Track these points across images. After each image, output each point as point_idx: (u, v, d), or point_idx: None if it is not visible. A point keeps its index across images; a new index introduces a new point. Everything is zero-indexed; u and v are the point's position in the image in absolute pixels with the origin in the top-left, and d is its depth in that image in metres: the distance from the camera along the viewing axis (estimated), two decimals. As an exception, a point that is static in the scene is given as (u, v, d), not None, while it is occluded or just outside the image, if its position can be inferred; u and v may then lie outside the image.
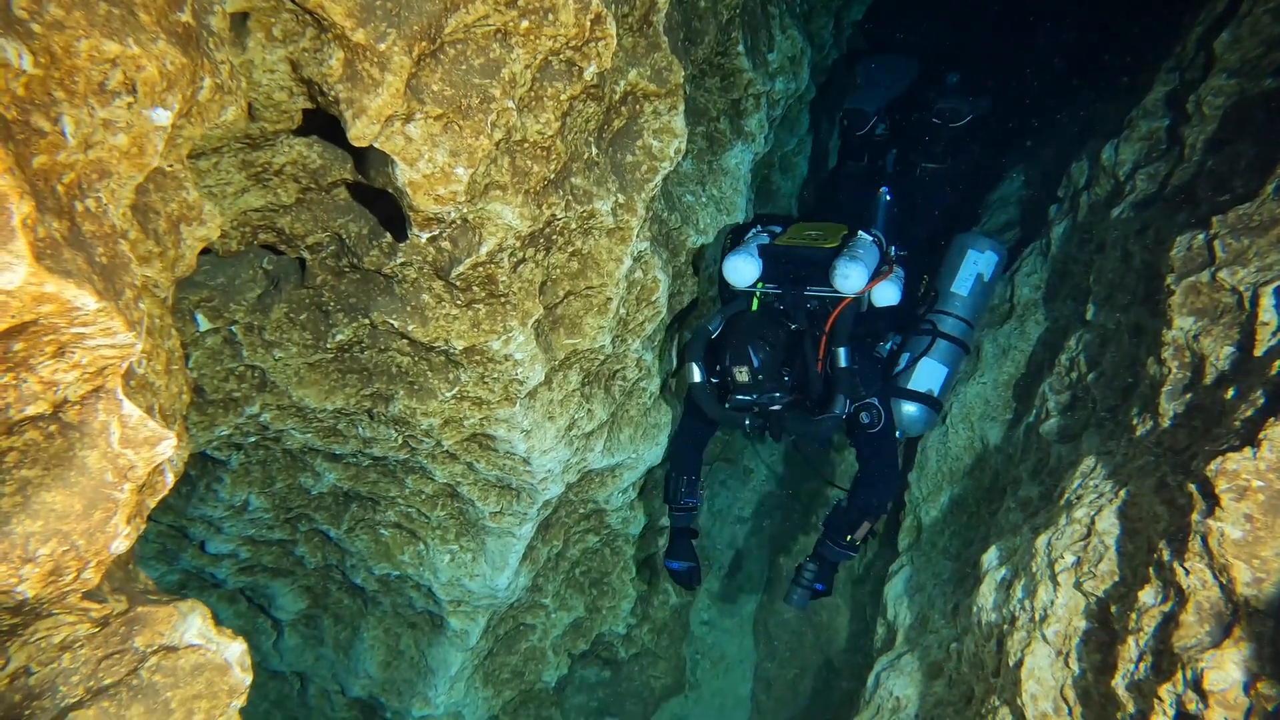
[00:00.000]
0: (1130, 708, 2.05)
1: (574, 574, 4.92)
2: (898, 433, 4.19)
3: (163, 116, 1.38)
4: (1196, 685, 1.78)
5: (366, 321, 3.00)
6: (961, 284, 4.40)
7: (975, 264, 4.42)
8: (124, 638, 1.77)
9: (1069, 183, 4.28)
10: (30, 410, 1.27)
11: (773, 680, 6.13)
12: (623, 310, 3.46)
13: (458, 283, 2.85)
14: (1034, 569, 2.69)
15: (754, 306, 3.79)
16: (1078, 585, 2.47)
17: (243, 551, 4.20)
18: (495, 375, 3.15)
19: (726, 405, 3.70)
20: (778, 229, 4.21)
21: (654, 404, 4.18)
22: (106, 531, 1.44)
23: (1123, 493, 2.47)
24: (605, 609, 5.26)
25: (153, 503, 1.59)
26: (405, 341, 3.08)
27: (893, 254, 4.18)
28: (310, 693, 4.93)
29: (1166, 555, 2.07)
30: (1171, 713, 1.87)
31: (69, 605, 1.54)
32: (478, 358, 3.08)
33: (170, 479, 1.61)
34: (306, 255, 2.87)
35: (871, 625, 4.48)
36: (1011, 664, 2.61)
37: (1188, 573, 1.96)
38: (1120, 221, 3.39)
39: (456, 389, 3.18)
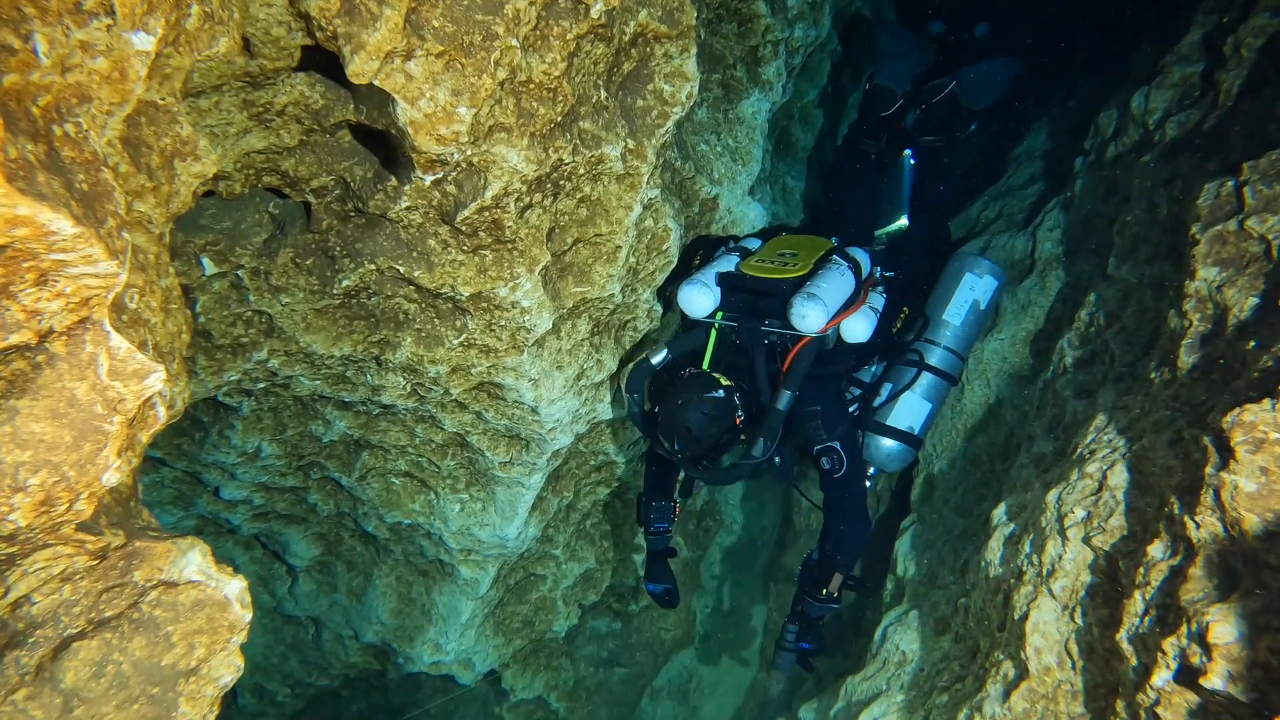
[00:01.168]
0: (1133, 660, 2.02)
1: (584, 526, 4.95)
2: (872, 469, 3.99)
3: (144, 41, 1.34)
4: (1201, 638, 1.75)
5: (373, 267, 2.97)
6: (955, 311, 4.09)
7: (971, 290, 4.09)
8: (123, 571, 1.79)
9: (1096, 133, 4.15)
10: (14, 339, 1.26)
11: (783, 634, 6.16)
12: (633, 259, 3.42)
13: (463, 228, 2.82)
14: (1043, 524, 2.66)
15: (712, 338, 3.50)
16: (1086, 540, 2.44)
17: (256, 498, 4.24)
18: (502, 323, 3.13)
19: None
20: (754, 245, 3.90)
21: (665, 356, 4.15)
22: (97, 464, 1.44)
23: (1136, 447, 2.42)
24: (616, 561, 5.30)
25: (145, 437, 1.58)
26: (412, 288, 3.06)
27: (878, 275, 3.93)
28: (324, 637, 5.02)
29: (1177, 509, 2.03)
30: (1174, 665, 1.84)
31: (64, 536, 1.55)
32: (485, 305, 3.06)
33: (162, 413, 1.61)
34: (311, 199, 2.84)
35: (880, 581, 4.47)
36: (1017, 618, 2.59)
37: (1198, 526, 1.92)
38: (1148, 172, 3.28)
39: (464, 336, 3.16)
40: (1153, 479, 2.32)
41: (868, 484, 3.85)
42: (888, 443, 3.94)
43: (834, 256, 3.63)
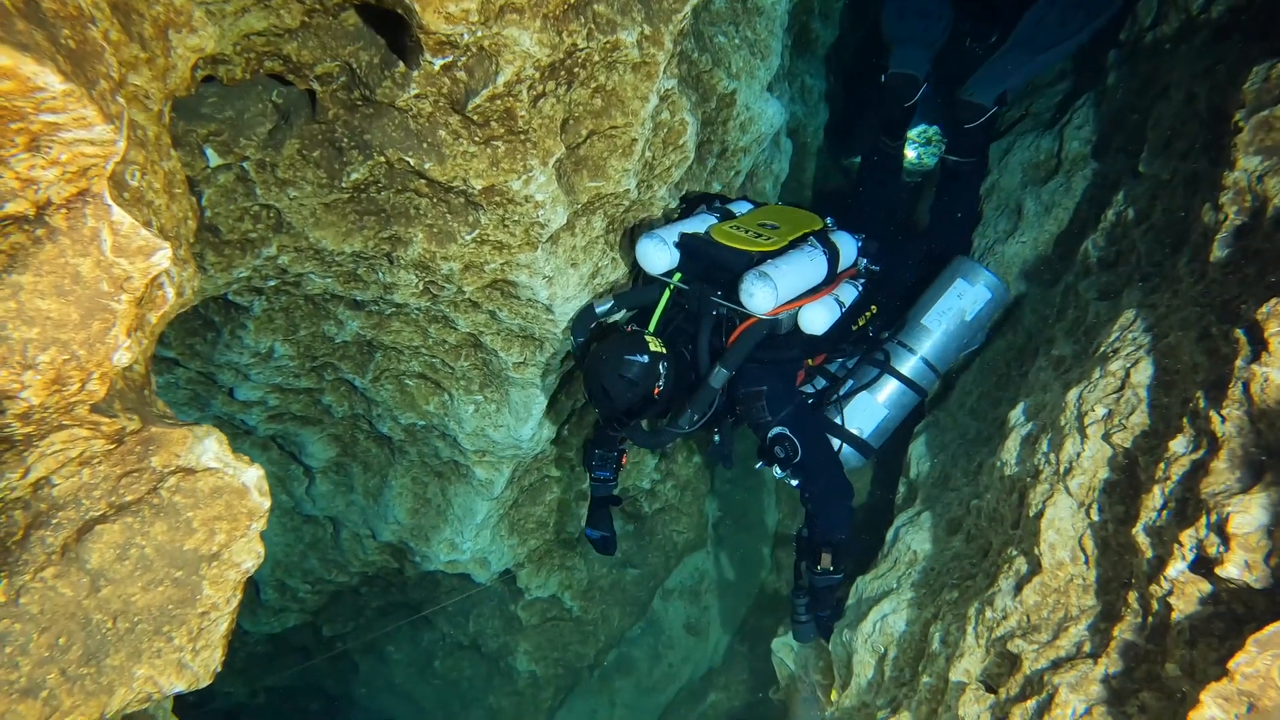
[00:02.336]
0: (1148, 553, 2.02)
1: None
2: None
3: (131, -112, 1.25)
4: (1220, 529, 1.74)
5: (382, 159, 2.90)
6: (936, 318, 3.79)
7: (959, 297, 3.78)
8: (140, 456, 1.79)
9: (1134, 23, 3.95)
10: (10, 208, 1.21)
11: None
12: (648, 153, 3.32)
13: (475, 117, 2.73)
14: (1061, 422, 2.63)
15: (664, 298, 3.37)
16: (1106, 437, 2.41)
17: (271, 399, 4.26)
18: (516, 218, 3.06)
19: None
20: (740, 209, 3.68)
21: (679, 258, 4.08)
22: (106, 343, 1.42)
23: (1162, 344, 2.37)
24: (629, 464, 5.34)
25: (155, 318, 1.56)
26: (423, 181, 2.99)
27: (862, 267, 3.69)
28: (343, 536, 5.13)
29: (1202, 403, 1.99)
30: (1190, 556, 1.84)
31: (79, 418, 1.54)
32: (497, 199, 2.99)
33: (171, 295, 1.57)
34: (316, 86, 2.74)
35: (893, 485, 4.50)
36: (1031, 515, 2.59)
37: (1223, 420, 1.89)
38: (1187, 60, 3.13)
39: (476, 232, 3.10)
40: (1177, 376, 2.27)
41: (843, 448, 3.70)
42: (835, 443, 3.74)
43: (810, 238, 3.42)
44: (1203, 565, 1.82)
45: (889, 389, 3.79)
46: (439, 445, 4.46)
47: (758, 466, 3.58)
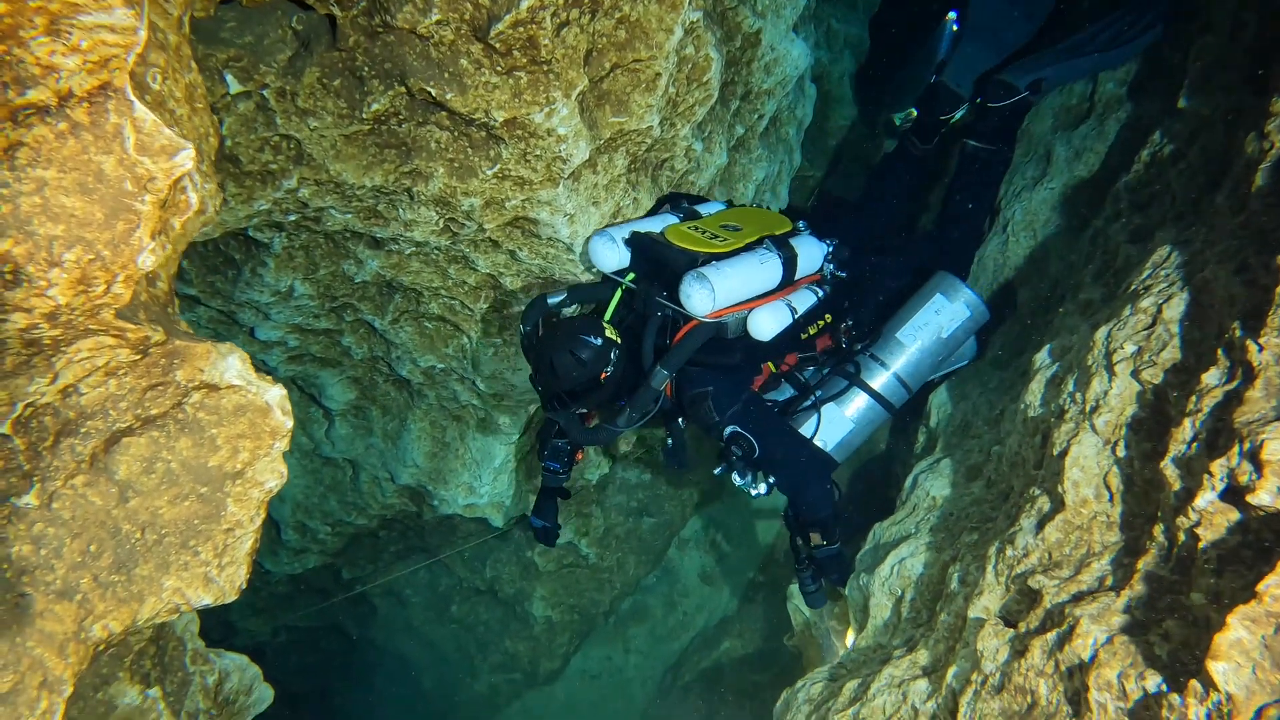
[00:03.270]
0: (1176, 485, 1.99)
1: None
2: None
3: None
4: (1253, 456, 1.71)
5: (403, 89, 2.86)
6: (910, 333, 3.62)
7: (937, 313, 3.61)
8: (165, 370, 1.80)
9: (1175, -38, 3.81)
10: (32, 95, 1.20)
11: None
12: (672, 89, 3.26)
13: (497, 44, 2.68)
14: (1089, 361, 2.59)
15: (617, 296, 3.33)
16: (1135, 374, 2.37)
17: (291, 339, 4.28)
18: (538, 152, 3.02)
19: None
20: (710, 210, 3.59)
21: (701, 201, 4.03)
22: (131, 244, 1.41)
23: (1197, 279, 2.32)
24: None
25: (178, 223, 1.54)
26: (444, 113, 2.95)
27: (827, 273, 3.55)
28: (362, 479, 5.18)
29: (1239, 333, 1.95)
30: (1221, 486, 1.81)
31: (105, 323, 1.54)
32: (519, 132, 2.95)
33: (194, 200, 1.56)
34: (337, 11, 2.70)
35: (913, 434, 4.48)
36: (1055, 454, 2.57)
37: (1260, 349, 1.85)
38: (1233, -7, 3.02)
39: (498, 166, 3.07)
40: (1212, 309, 2.23)
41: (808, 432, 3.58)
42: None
43: (767, 242, 3.33)
44: (1233, 495, 1.80)
45: (857, 403, 3.65)
46: (458, 389, 4.47)
47: (717, 472, 3.49)
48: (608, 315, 3.34)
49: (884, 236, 4.27)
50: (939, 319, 3.61)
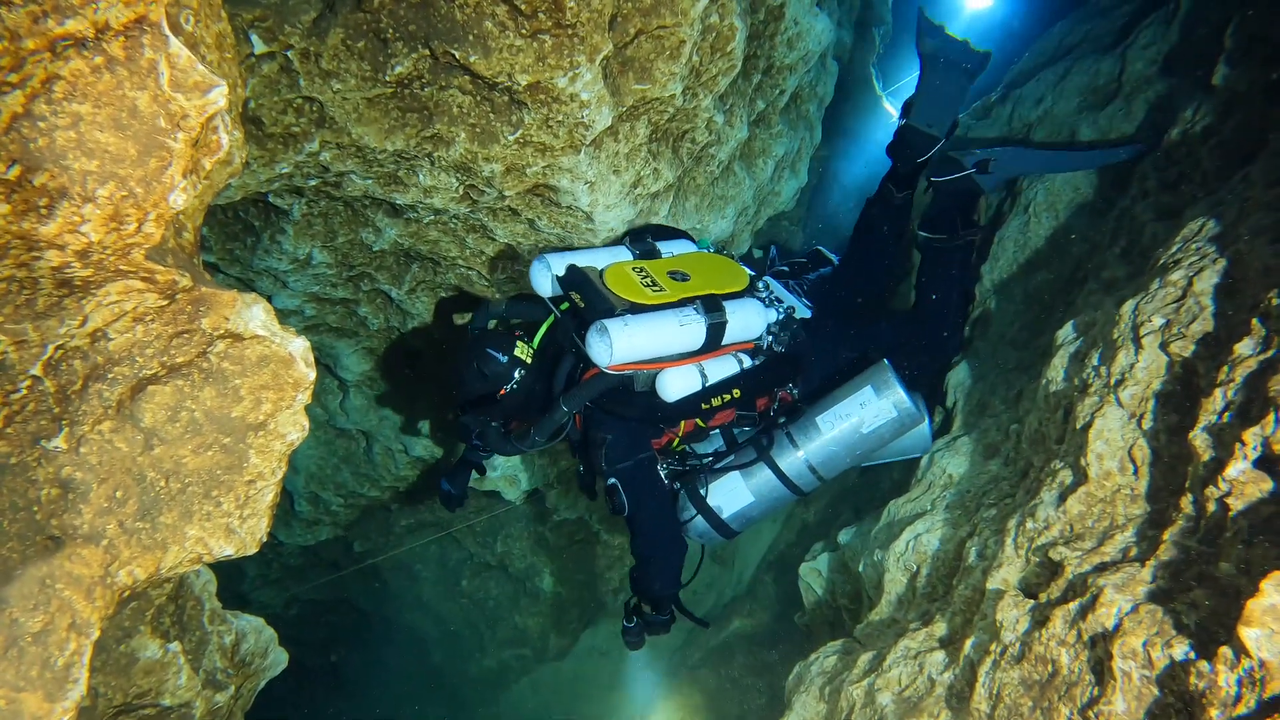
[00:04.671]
0: (1205, 456, 1.98)
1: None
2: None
3: None
4: (1290, 423, 1.69)
5: (426, 52, 2.84)
6: (829, 420, 3.41)
7: (861, 406, 3.38)
8: (191, 317, 1.79)
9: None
10: (70, 25, 1.19)
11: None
12: (696, 58, 3.23)
13: (522, 6, 2.66)
14: (1114, 335, 2.57)
15: (548, 322, 3.37)
16: (1163, 346, 2.35)
17: (308, 308, 4.28)
18: (560, 118, 3.00)
19: None
20: (675, 249, 3.47)
21: (722, 173, 4.01)
22: (163, 182, 1.40)
23: (1230, 250, 2.29)
24: None
25: (209, 164, 1.54)
26: (466, 77, 2.93)
27: (765, 343, 3.42)
28: (375, 451, 5.19)
29: (1275, 302, 1.93)
30: (1254, 455, 1.79)
31: (135, 263, 1.53)
32: (542, 96, 2.93)
33: (225, 141, 1.55)
34: (362, -29, 2.69)
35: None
36: (1079, 427, 2.55)
37: (1297, 317, 1.82)
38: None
39: (520, 132, 3.05)
40: (1246, 281, 2.20)
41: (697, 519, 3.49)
42: (696, 517, 3.51)
43: (698, 302, 3.18)
44: (1266, 463, 1.78)
45: (761, 479, 3.48)
46: (473, 360, 4.46)
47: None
48: (538, 336, 3.37)
49: (864, 297, 4.08)
50: (861, 413, 3.39)
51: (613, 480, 3.25)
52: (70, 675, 1.60)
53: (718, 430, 3.67)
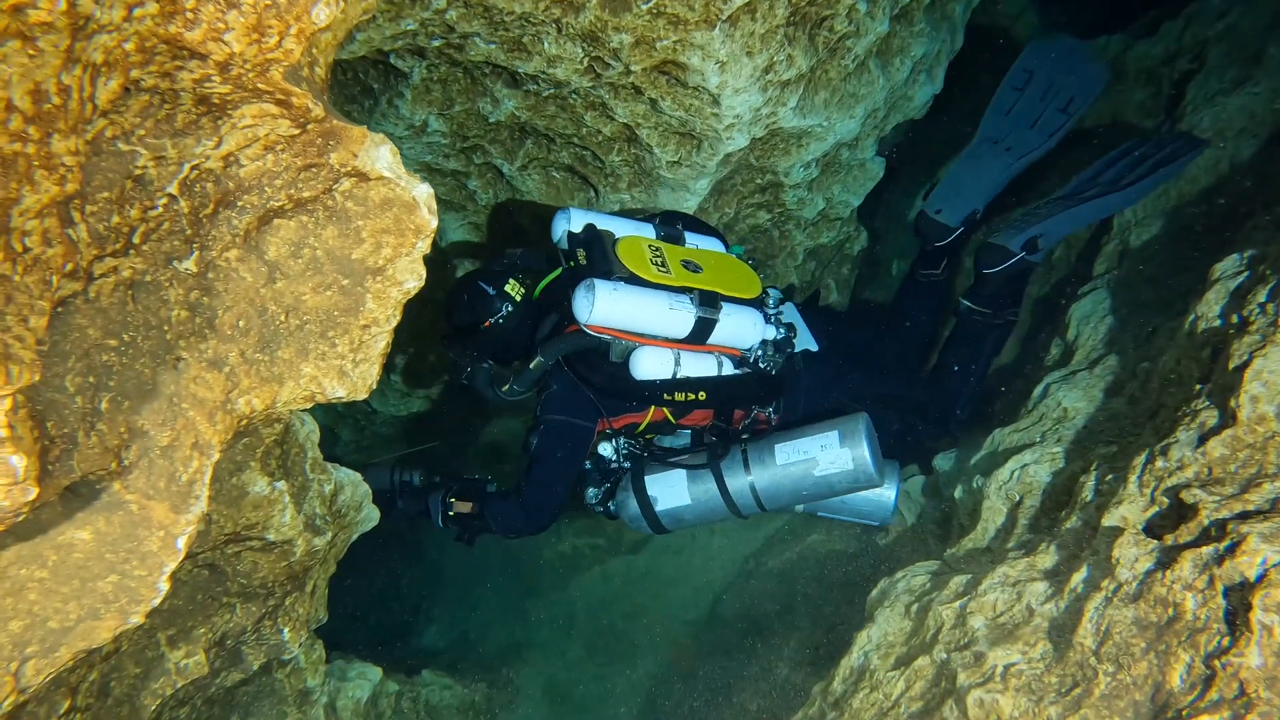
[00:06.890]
0: (1393, 405, 1.78)
1: (737, 252, 4.82)
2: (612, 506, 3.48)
3: None
4: None
5: (564, -96, 2.69)
6: (786, 452, 3.25)
7: (821, 448, 3.21)
8: (320, 150, 1.76)
9: None
10: None
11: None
12: (849, -69, 2.98)
13: None
14: (1291, 270, 2.33)
15: (555, 272, 3.34)
16: (1351, 285, 2.11)
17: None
18: (697, -13, 2.83)
19: None
20: (699, 243, 3.42)
21: (856, 69, 3.76)
22: (307, -6, 1.34)
23: None
24: None
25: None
26: (604, -64, 2.77)
27: (751, 359, 3.33)
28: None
29: None
30: None
31: (272, 83, 1.49)
32: (681, -38, 2.75)
33: None
34: None
35: (1044, 346, 4.22)
36: (1232, 367, 2.34)
37: None
38: None
39: (653, 2, 2.89)
40: None
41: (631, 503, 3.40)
42: (631, 499, 3.39)
43: (695, 294, 3.12)
44: None
45: (703, 486, 3.34)
46: (578, 246, 4.41)
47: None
48: (543, 283, 3.39)
49: (894, 355, 4.09)
50: (819, 455, 3.22)
51: (541, 424, 3.25)
52: (193, 491, 1.65)
53: (689, 431, 3.65)
